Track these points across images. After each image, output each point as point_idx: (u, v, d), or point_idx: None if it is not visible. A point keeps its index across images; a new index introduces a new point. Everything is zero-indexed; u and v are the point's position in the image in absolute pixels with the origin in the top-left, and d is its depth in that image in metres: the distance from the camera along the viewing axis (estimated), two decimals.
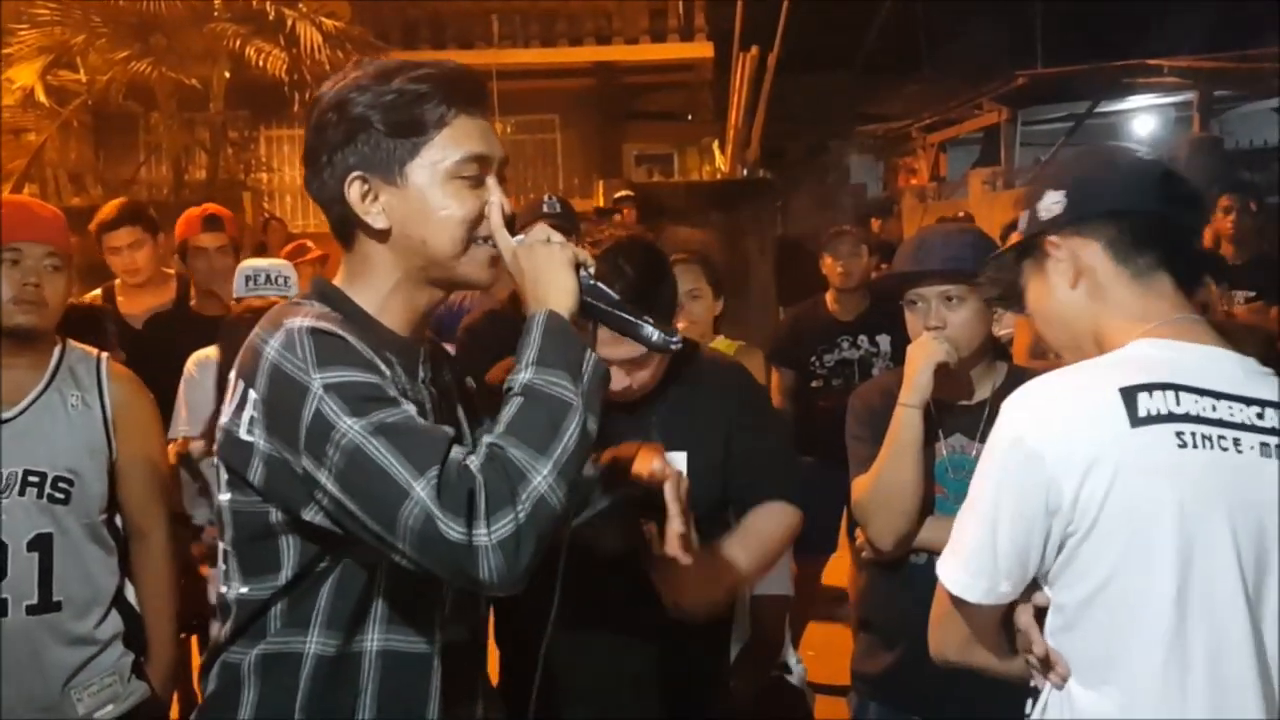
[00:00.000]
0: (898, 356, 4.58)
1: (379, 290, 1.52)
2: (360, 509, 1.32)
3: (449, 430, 1.37)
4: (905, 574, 2.32)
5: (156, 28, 10.78)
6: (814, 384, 4.66)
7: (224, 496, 1.47)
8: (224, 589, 1.50)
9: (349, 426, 1.32)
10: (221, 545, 1.50)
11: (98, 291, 4.12)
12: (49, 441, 2.31)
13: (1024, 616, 1.50)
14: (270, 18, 10.79)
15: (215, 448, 1.48)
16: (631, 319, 1.50)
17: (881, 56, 17.31)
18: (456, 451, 1.32)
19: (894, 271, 2.41)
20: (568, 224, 3.49)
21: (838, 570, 4.60)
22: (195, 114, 11.70)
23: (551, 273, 1.44)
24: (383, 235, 1.50)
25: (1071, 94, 13.57)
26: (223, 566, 1.51)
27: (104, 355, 2.47)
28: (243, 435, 1.41)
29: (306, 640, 1.45)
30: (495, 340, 2.86)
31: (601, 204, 9.99)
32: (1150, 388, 1.40)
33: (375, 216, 1.48)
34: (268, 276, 3.47)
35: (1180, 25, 12.64)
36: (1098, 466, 1.37)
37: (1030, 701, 1.53)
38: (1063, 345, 1.60)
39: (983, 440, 2.26)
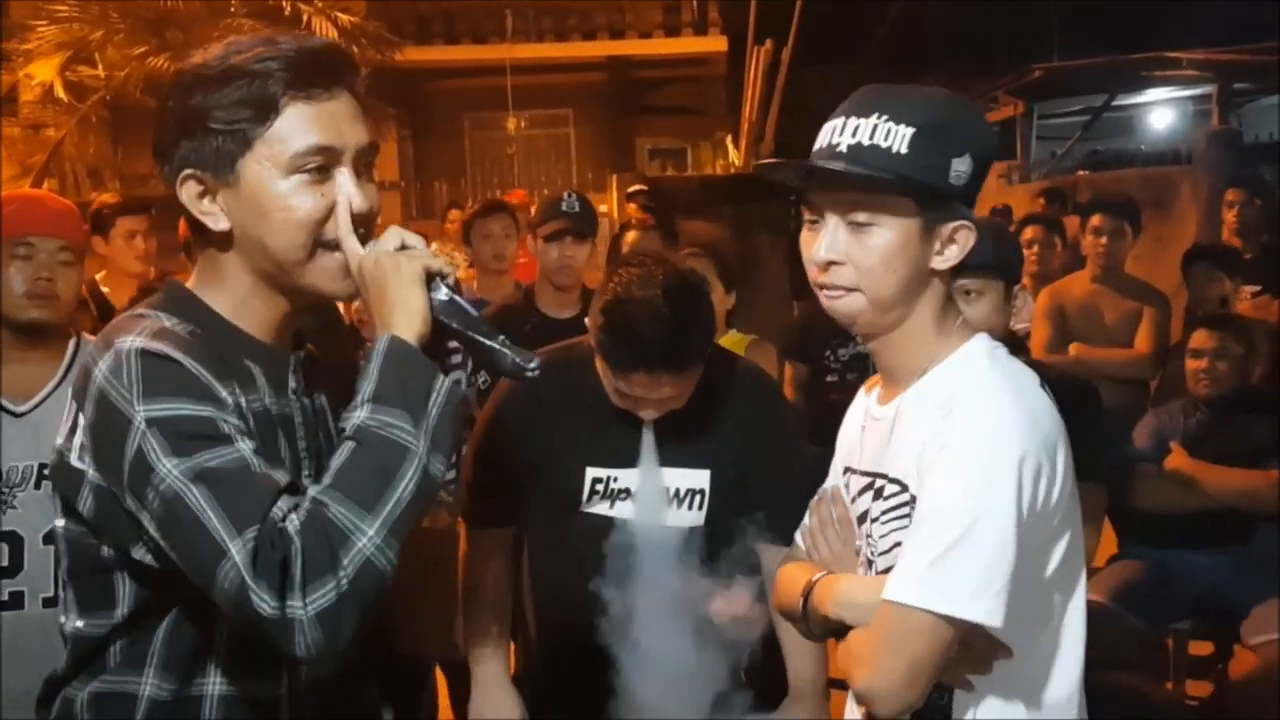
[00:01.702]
0: None
1: (232, 295, 1.37)
2: (180, 561, 1.22)
3: (279, 478, 1.24)
4: None
5: (173, 23, 10.84)
6: (828, 378, 4.65)
7: (59, 522, 1.37)
8: (62, 620, 1.40)
9: (168, 470, 1.20)
10: (59, 573, 1.41)
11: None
12: None
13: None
14: (285, 13, 10.83)
15: (49, 471, 1.36)
16: (487, 342, 1.31)
17: (896, 50, 17.24)
18: (280, 506, 1.19)
19: None
20: (585, 223, 3.47)
21: None
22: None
23: (398, 288, 1.27)
24: (225, 238, 1.34)
25: (1088, 87, 13.50)
26: (62, 595, 1.41)
27: None
28: (74, 461, 1.30)
29: (141, 681, 1.34)
30: (507, 336, 2.85)
31: (615, 198, 10.00)
32: None
33: (214, 218, 1.33)
34: None
35: (1198, 17, 12.56)
36: None
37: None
38: (889, 326, 1.49)
39: None
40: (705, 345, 2.02)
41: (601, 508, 2.13)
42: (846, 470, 1.62)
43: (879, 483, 1.51)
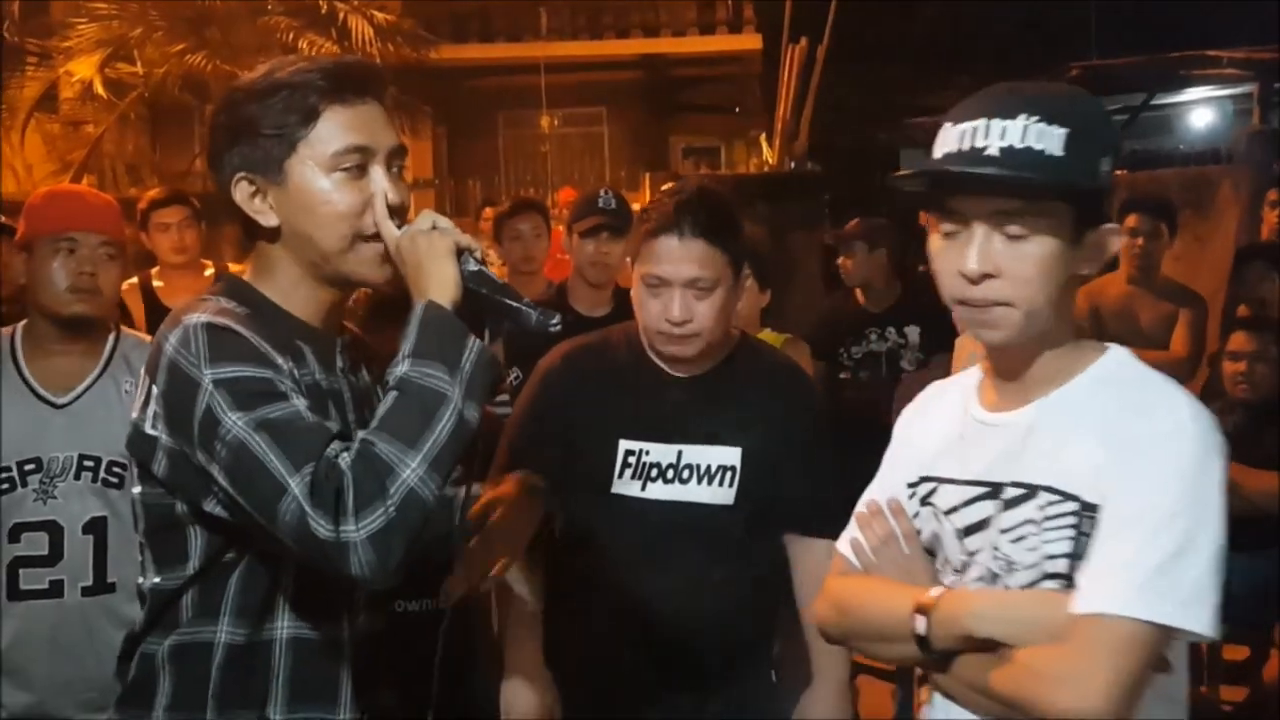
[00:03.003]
0: (926, 347, 4.57)
1: (282, 283, 1.54)
2: (247, 503, 1.36)
3: (332, 426, 1.40)
4: None
5: (211, 21, 10.92)
6: (842, 375, 4.65)
7: (135, 489, 1.52)
8: (140, 580, 1.54)
9: (234, 422, 1.35)
10: (137, 537, 1.55)
11: (134, 280, 4.16)
12: (104, 427, 2.35)
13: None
14: (322, 11, 10.88)
15: (126, 442, 1.52)
16: (513, 304, 1.48)
17: (933, 48, 17.12)
18: (333, 447, 1.34)
19: None
20: (621, 220, 3.48)
21: None
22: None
23: (431, 262, 1.44)
24: (274, 233, 1.52)
25: (1127, 86, 13.33)
26: (138, 557, 1.55)
27: None
28: (148, 429, 1.45)
29: (217, 629, 1.48)
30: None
31: (649, 197, 9.98)
32: None
33: (265, 215, 1.51)
34: None
35: (1239, 16, 12.40)
36: None
37: None
38: (1034, 338, 1.43)
39: None
40: (732, 231, 2.13)
41: (633, 488, 2.14)
42: (927, 480, 1.55)
43: (1011, 491, 1.42)
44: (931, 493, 1.54)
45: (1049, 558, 1.37)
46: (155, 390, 1.43)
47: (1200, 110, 15.30)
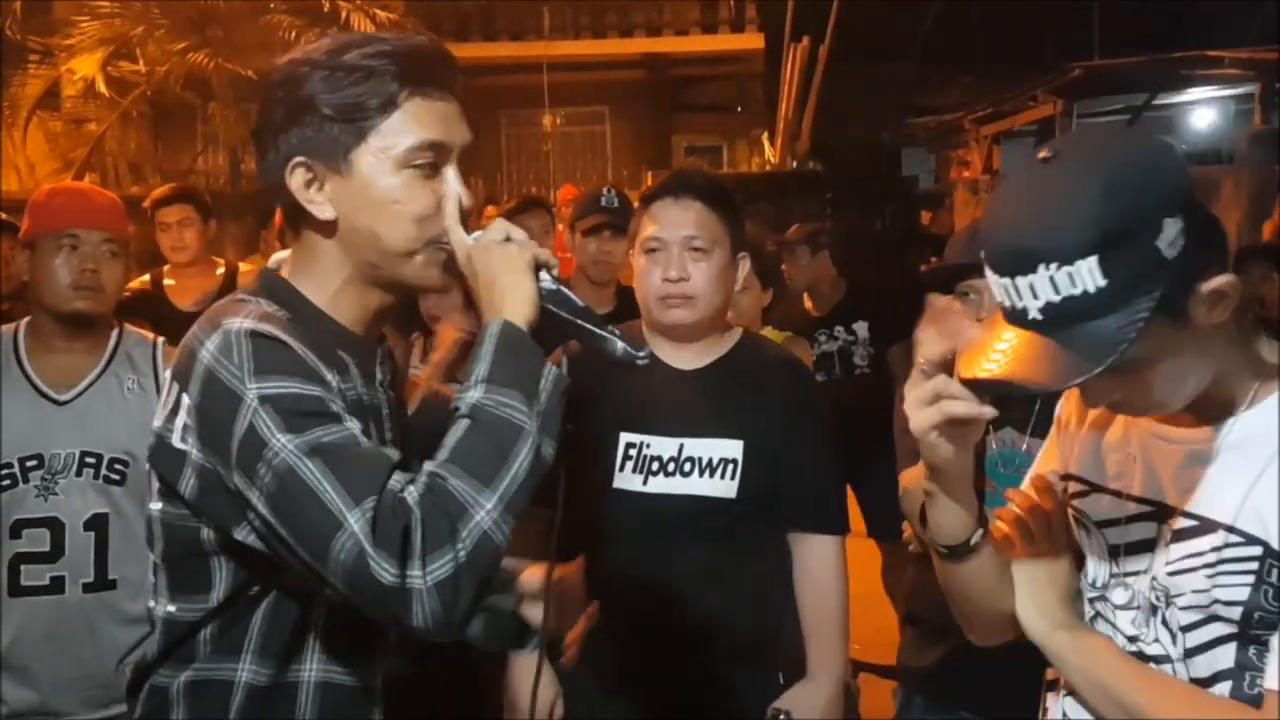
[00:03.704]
0: (877, 341, 4.68)
1: (328, 285, 1.39)
2: (291, 535, 1.21)
3: (392, 455, 1.25)
4: None
5: (213, 19, 10.94)
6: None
7: (154, 506, 1.36)
8: (152, 604, 1.40)
9: (282, 445, 1.20)
10: (151, 557, 1.40)
11: (146, 278, 4.21)
12: (105, 424, 2.35)
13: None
14: (325, 9, 10.89)
15: (147, 453, 1.37)
16: (596, 330, 1.35)
17: (935, 48, 17.12)
18: (396, 480, 1.20)
19: (950, 263, 2.38)
20: (624, 219, 3.48)
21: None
22: (251, 105, 11.80)
23: (509, 277, 1.31)
24: (329, 227, 1.36)
25: (1129, 86, 13.34)
26: (151, 579, 1.41)
27: (160, 340, 2.51)
28: (175, 443, 1.29)
29: (238, 668, 1.34)
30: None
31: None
32: None
33: (320, 206, 1.35)
34: None
35: (1242, 16, 12.39)
36: None
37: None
38: (1177, 404, 1.27)
39: (1033, 434, 2.25)
40: (728, 201, 2.17)
41: (634, 482, 2.14)
42: (1075, 479, 1.43)
43: (1182, 521, 1.28)
44: (1081, 495, 1.42)
45: (1220, 602, 1.24)
46: (187, 400, 1.28)
47: (1202, 110, 15.28)
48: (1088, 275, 1.13)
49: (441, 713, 1.58)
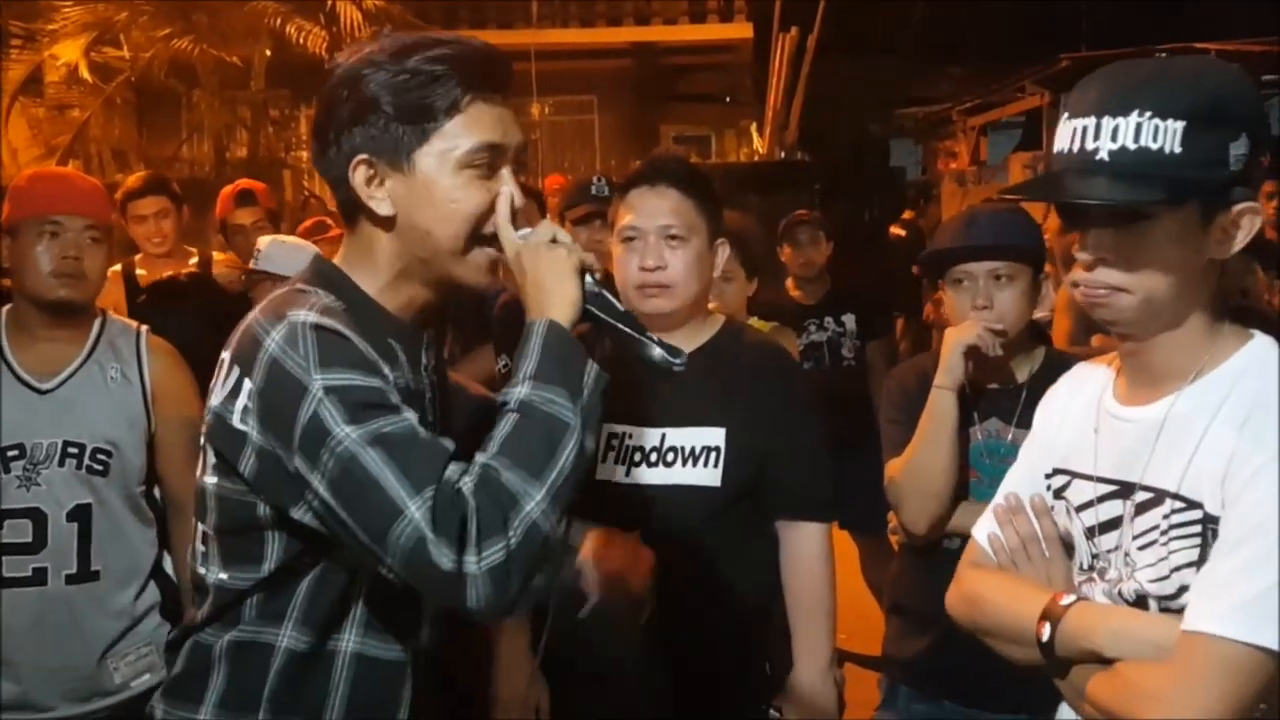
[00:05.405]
0: (864, 333, 4.74)
1: (380, 277, 1.47)
2: (351, 519, 1.29)
3: (448, 445, 1.33)
4: (939, 559, 2.30)
5: (198, 6, 10.85)
6: None
7: (209, 480, 1.44)
8: (202, 570, 1.48)
9: (346, 434, 1.28)
10: (202, 527, 1.48)
11: (117, 267, 4.12)
12: (88, 413, 2.34)
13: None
14: None
15: (204, 430, 1.44)
16: (635, 334, 1.43)
17: (923, 38, 17.12)
18: (452, 470, 1.28)
19: (942, 248, 2.38)
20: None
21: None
22: (236, 92, 11.77)
23: (555, 279, 1.39)
24: (387, 222, 1.44)
25: None
26: (201, 548, 1.48)
27: (143, 328, 2.49)
28: (235, 423, 1.36)
29: (280, 633, 1.43)
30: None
31: None
32: None
33: (380, 203, 1.43)
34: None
35: (1228, 8, 12.42)
36: None
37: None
38: (1142, 319, 1.34)
39: (1019, 425, 2.26)
40: (704, 188, 2.17)
41: (618, 473, 2.13)
42: (1060, 472, 1.48)
43: (1141, 495, 1.34)
44: (1065, 486, 1.47)
45: (1176, 569, 1.28)
46: (250, 386, 1.34)
47: None
48: (1170, 136, 1.22)
49: (465, 690, 1.64)
